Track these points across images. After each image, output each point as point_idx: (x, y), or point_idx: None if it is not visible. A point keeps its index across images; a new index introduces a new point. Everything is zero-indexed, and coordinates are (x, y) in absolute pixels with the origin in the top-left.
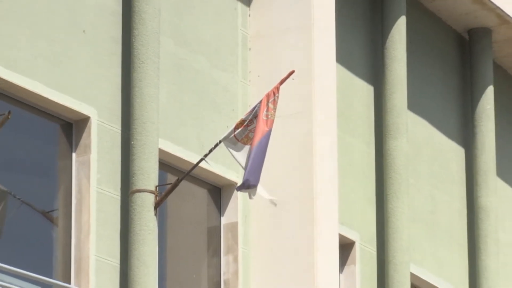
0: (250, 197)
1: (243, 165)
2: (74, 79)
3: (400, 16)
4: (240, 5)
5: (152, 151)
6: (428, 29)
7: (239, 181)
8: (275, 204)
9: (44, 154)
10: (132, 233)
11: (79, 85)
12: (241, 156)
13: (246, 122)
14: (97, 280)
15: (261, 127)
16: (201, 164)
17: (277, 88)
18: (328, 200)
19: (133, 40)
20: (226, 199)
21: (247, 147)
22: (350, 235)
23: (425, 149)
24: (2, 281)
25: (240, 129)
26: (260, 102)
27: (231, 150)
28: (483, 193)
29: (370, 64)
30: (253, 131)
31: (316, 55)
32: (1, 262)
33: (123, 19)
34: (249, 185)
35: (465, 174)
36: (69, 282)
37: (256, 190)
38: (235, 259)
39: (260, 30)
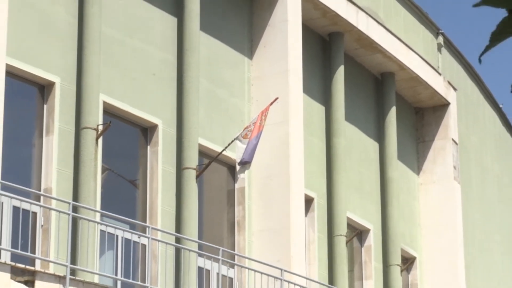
0: (240, 173)
1: (242, 151)
2: (148, 102)
3: (340, 65)
4: (246, 59)
5: (195, 145)
6: (357, 73)
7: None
8: (244, 172)
9: (130, 146)
10: (182, 193)
11: (152, 105)
12: (243, 145)
13: (247, 126)
14: (162, 221)
15: (256, 130)
16: (223, 152)
17: (268, 108)
18: (298, 173)
19: (183, 79)
20: (237, 173)
21: (246, 140)
22: (311, 194)
23: (355, 144)
24: (105, 222)
25: (243, 130)
26: (257, 116)
27: (238, 144)
28: (389, 170)
29: (323, 93)
30: (250, 131)
31: (290, 88)
32: (105, 210)
33: (177, 67)
34: (245, 162)
35: (379, 159)
36: (145, 222)
37: (249, 165)
38: (243, 209)
39: (258, 74)
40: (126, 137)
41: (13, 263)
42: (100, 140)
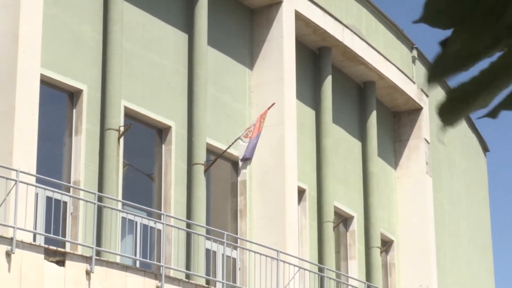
0: (242, 168)
1: (244, 149)
2: (163, 107)
3: (328, 75)
4: (247, 69)
5: (203, 144)
6: (343, 82)
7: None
8: (245, 167)
9: (148, 145)
10: (192, 185)
11: (166, 109)
12: (244, 144)
13: (248, 127)
14: (174, 209)
15: (256, 130)
16: (228, 150)
17: (266, 112)
18: (291, 168)
19: (193, 87)
20: (240, 168)
21: (247, 140)
22: (303, 186)
23: (341, 143)
24: (125, 210)
25: (245, 131)
26: (257, 119)
27: (240, 143)
28: (371, 165)
29: (313, 99)
30: (251, 131)
31: (285, 95)
32: (125, 200)
33: (188, 76)
34: (246, 158)
35: (361, 156)
36: (161, 210)
37: (250, 161)
38: (245, 198)
39: (257, 82)
40: (144, 137)
41: (46, 246)
42: (122, 140)
